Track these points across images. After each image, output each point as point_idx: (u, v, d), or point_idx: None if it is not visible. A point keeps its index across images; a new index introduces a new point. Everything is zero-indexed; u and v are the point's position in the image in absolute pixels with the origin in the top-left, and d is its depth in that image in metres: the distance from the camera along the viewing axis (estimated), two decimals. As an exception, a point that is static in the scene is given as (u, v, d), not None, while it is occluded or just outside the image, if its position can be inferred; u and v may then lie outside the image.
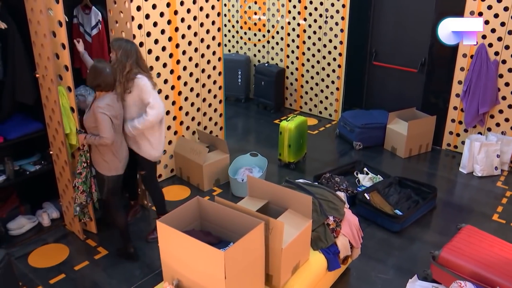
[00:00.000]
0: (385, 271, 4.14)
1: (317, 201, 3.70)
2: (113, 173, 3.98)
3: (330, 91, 7.49)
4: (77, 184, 4.08)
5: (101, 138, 3.75)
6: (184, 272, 2.98)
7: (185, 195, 5.35)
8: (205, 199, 3.31)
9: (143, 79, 3.91)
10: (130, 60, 3.89)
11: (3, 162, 4.33)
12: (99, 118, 3.72)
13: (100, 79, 3.74)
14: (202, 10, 5.42)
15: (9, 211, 4.59)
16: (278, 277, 3.20)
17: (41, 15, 3.76)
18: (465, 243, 3.81)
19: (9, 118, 4.41)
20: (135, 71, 3.91)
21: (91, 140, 3.83)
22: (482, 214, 5.03)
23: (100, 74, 3.74)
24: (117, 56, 3.90)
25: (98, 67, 3.76)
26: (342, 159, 6.37)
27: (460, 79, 6.08)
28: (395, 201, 4.98)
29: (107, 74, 3.75)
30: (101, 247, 4.43)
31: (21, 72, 4.14)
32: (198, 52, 5.56)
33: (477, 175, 5.81)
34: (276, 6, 7.64)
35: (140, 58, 4.00)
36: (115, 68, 3.87)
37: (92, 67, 3.81)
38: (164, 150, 5.22)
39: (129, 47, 3.93)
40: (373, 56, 7.03)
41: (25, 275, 4.04)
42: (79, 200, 4.14)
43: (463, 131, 6.30)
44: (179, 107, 5.54)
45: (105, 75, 3.74)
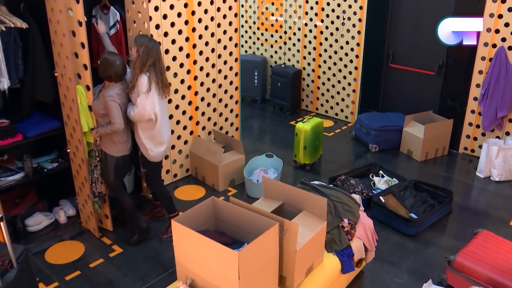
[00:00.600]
0: (399, 275, 4.11)
1: (332, 203, 3.69)
2: (120, 153, 4.15)
3: (346, 93, 7.46)
4: (97, 175, 4.23)
5: (112, 124, 3.93)
6: (198, 272, 3.00)
7: (200, 195, 5.37)
8: (220, 199, 3.32)
9: (143, 78, 3.96)
10: (150, 60, 3.96)
11: (22, 160, 4.39)
12: (110, 106, 3.91)
13: (111, 71, 3.92)
14: (219, 11, 5.44)
15: (27, 208, 4.65)
16: (291, 278, 3.20)
17: (60, 15, 3.81)
18: (481, 248, 3.77)
19: (28, 116, 4.47)
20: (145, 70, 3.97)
21: (103, 131, 4.00)
22: (499, 219, 4.97)
23: (112, 66, 3.91)
24: (139, 53, 3.96)
25: (109, 59, 3.93)
26: (358, 161, 6.35)
27: (478, 82, 6.02)
28: (411, 204, 4.95)
29: (117, 66, 3.92)
30: (116, 245, 4.47)
31: (40, 71, 4.20)
32: (215, 52, 5.58)
33: (495, 180, 5.75)
34: (293, 7, 7.64)
35: (159, 60, 4.05)
36: (134, 63, 3.98)
37: (103, 59, 3.95)
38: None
39: (151, 45, 3.99)
40: (390, 58, 6.99)
41: (41, 271, 4.09)
42: (99, 190, 4.29)
43: (481, 135, 6.23)
44: (196, 107, 5.56)
45: (116, 67, 3.92)
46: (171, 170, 5.54)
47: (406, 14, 6.70)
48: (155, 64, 4.00)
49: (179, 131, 5.47)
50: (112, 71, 3.91)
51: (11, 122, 4.23)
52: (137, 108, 3.99)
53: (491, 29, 5.69)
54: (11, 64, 4.07)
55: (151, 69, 3.99)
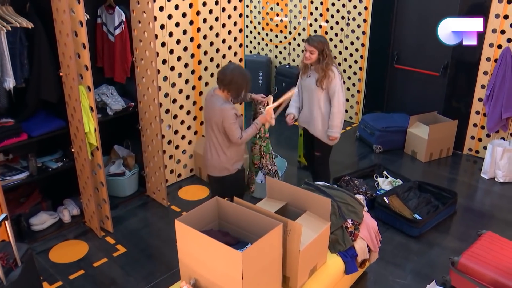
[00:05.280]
0: (402, 276, 4.11)
1: (336, 203, 3.68)
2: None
3: (351, 94, 7.45)
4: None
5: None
6: (201, 272, 3.00)
7: (204, 195, 5.38)
8: (224, 199, 3.32)
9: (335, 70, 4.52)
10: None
11: (27, 159, 4.40)
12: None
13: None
14: (224, 11, 5.44)
15: (32, 207, 4.67)
16: (295, 279, 3.20)
17: (64, 15, 3.82)
18: (485, 250, 3.76)
19: (33, 115, 4.49)
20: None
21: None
22: (503, 221, 4.95)
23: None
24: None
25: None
26: (362, 162, 6.34)
27: (483, 83, 6.00)
28: (415, 205, 4.94)
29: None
30: (119, 244, 4.48)
31: (46, 70, 4.21)
32: (220, 52, 5.58)
33: (499, 181, 5.73)
34: (298, 8, 7.64)
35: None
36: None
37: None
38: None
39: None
40: (394, 59, 6.98)
41: (45, 270, 4.11)
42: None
43: (485, 136, 6.21)
44: (200, 107, 5.57)
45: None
46: (175, 170, 5.55)
47: (411, 14, 6.69)
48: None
49: (184, 131, 5.47)
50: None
51: (16, 121, 4.24)
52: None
53: (496, 29, 5.67)
54: (16, 64, 4.08)
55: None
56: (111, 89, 4.90)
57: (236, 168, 4.10)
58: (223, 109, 3.80)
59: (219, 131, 3.90)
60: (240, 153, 4.12)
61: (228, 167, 4.05)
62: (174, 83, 5.17)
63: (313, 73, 4.57)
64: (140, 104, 4.86)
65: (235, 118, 3.83)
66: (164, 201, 5.08)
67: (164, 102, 5.12)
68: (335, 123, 4.59)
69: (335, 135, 4.65)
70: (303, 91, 4.75)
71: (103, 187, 4.48)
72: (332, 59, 4.53)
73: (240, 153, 4.10)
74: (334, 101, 4.53)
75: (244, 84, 3.85)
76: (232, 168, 4.07)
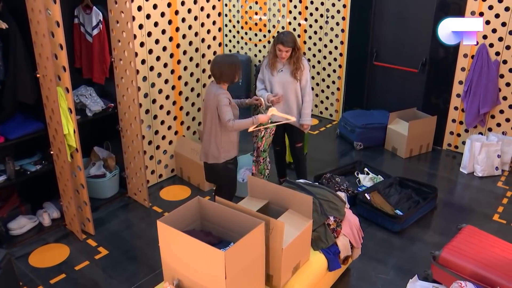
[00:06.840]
0: (385, 271, 4.14)
1: (317, 201, 3.70)
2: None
3: (330, 91, 7.49)
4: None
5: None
6: (184, 272, 2.99)
7: (186, 195, 5.35)
8: (206, 199, 3.31)
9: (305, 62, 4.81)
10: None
11: (4, 162, 4.32)
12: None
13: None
14: (203, 10, 5.42)
15: (10, 211, 4.59)
16: (278, 277, 3.20)
17: (40, 15, 3.76)
18: (465, 243, 3.81)
19: (10, 118, 4.41)
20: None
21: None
22: (482, 215, 5.02)
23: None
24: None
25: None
26: (343, 159, 6.37)
27: (461, 79, 6.08)
28: (396, 201, 4.98)
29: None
30: (101, 247, 4.43)
31: (22, 71, 4.14)
32: (199, 52, 5.56)
33: (478, 175, 5.81)
34: (277, 6, 7.64)
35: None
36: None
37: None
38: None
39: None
40: (374, 56, 7.03)
41: (25, 275, 4.04)
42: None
43: (464, 131, 6.30)
44: (180, 107, 5.54)
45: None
46: (156, 170, 5.51)
47: (390, 12, 6.74)
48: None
49: (164, 131, 5.44)
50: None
51: (-8, 124, 4.17)
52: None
53: (472, 26, 5.75)
54: (-9, 66, 4.02)
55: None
56: (90, 90, 4.84)
57: (224, 158, 4.18)
58: (217, 94, 4.03)
59: (213, 117, 4.10)
60: (232, 144, 4.21)
61: (217, 155, 4.16)
62: (154, 83, 5.13)
63: (286, 67, 4.74)
64: (120, 105, 4.82)
65: (228, 102, 4.04)
66: (146, 202, 5.05)
67: (144, 103, 5.08)
68: (307, 111, 4.82)
69: (309, 123, 4.85)
70: (275, 86, 4.84)
71: (83, 189, 4.43)
72: (301, 52, 4.80)
73: (231, 143, 4.21)
74: (307, 90, 4.76)
75: (234, 72, 4.09)
76: (220, 157, 4.17)
